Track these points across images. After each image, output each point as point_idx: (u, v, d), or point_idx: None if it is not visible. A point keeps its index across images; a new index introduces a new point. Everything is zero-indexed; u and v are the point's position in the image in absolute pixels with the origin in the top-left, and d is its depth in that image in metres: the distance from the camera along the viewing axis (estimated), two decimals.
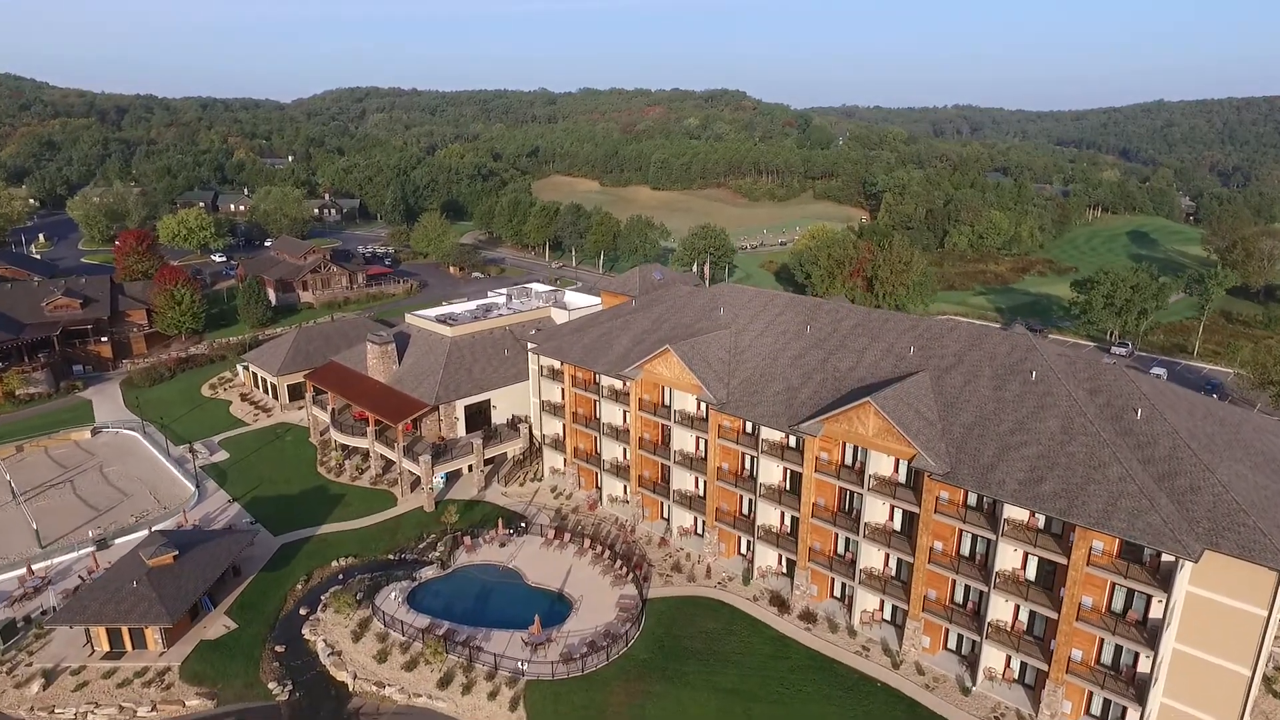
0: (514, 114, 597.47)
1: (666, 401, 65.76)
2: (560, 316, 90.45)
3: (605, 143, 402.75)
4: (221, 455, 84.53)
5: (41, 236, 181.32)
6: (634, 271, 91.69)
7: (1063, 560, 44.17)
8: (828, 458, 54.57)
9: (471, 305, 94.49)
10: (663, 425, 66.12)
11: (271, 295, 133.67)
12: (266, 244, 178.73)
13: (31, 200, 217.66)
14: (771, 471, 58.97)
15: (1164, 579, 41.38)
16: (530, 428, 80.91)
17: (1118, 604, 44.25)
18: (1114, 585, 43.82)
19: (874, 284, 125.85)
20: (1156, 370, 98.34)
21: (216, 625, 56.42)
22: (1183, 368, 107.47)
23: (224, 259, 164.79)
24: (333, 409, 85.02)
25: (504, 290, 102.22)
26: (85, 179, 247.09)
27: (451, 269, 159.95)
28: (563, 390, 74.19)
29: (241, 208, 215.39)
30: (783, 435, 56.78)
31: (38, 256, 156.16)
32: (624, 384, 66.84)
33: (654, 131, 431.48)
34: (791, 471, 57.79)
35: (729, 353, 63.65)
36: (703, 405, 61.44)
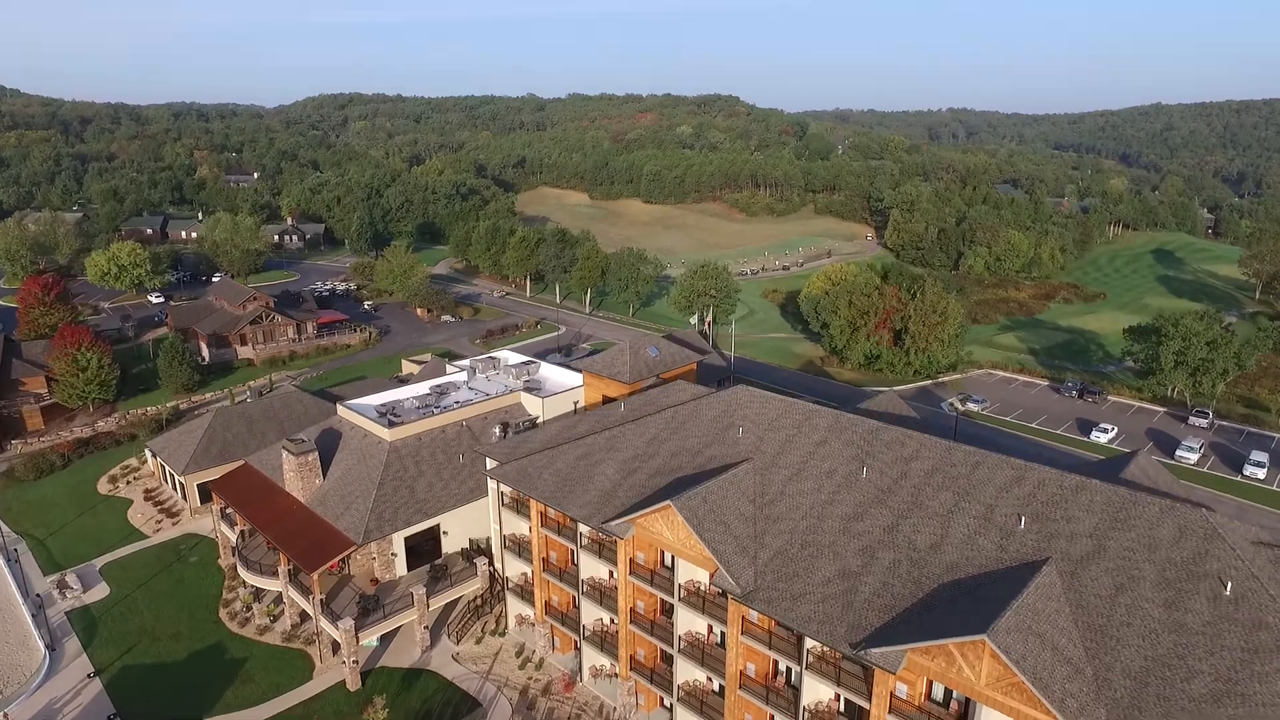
0: (501, 121, 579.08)
1: (668, 563, 48.17)
2: (532, 404, 72.80)
3: (595, 153, 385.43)
4: (100, 591, 66.39)
5: None
6: (624, 348, 74.04)
7: None
8: (907, 692, 36.98)
9: (424, 388, 76.57)
10: (662, 600, 48.47)
11: (204, 351, 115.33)
12: (215, 278, 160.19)
13: None
14: (819, 691, 41.32)
15: None
16: (491, 561, 63.13)
17: None
18: None
19: (902, 336, 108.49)
20: (1257, 456, 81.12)
21: None
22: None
23: (161, 300, 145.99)
24: (242, 531, 67.09)
25: (466, 362, 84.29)
26: (24, 201, 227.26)
27: (418, 311, 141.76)
28: (530, 528, 56.46)
29: (194, 234, 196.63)
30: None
31: None
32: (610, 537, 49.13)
33: (645, 141, 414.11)
34: (851, 701, 40.14)
35: (754, 505, 45.95)
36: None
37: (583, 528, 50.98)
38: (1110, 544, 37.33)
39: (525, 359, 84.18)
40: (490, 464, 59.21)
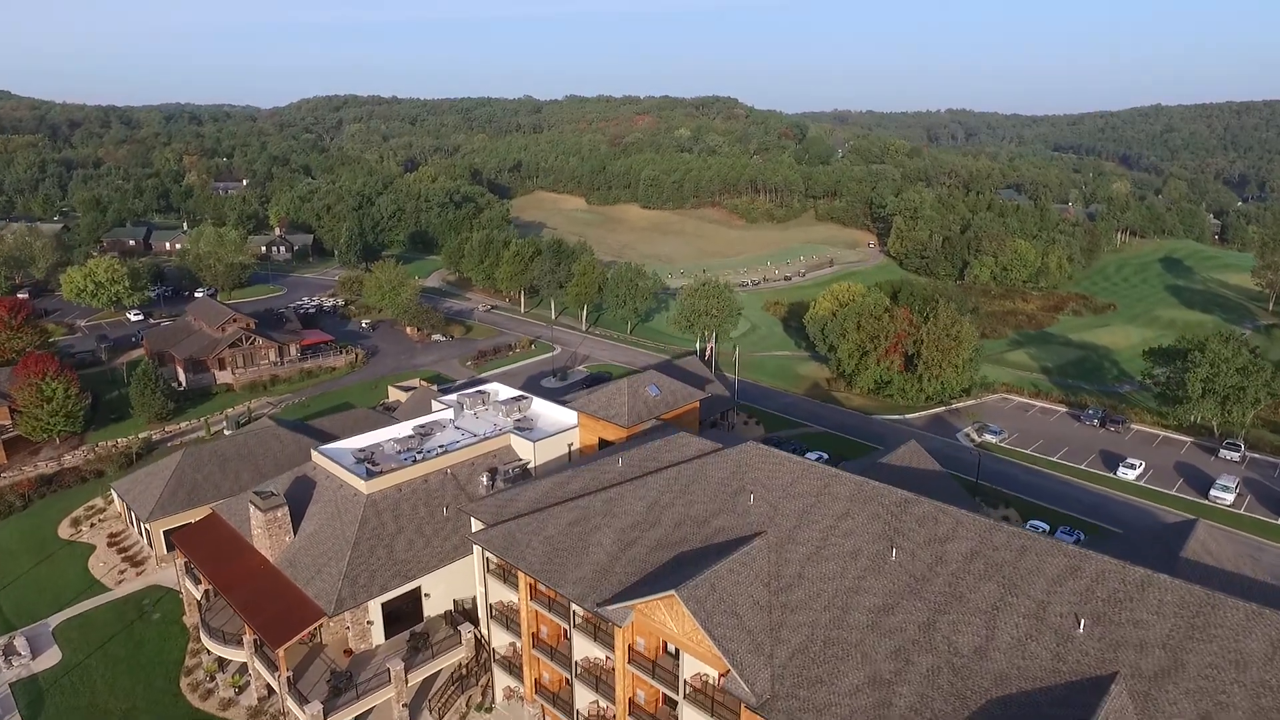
0: (497, 123, 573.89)
1: (671, 650, 42.88)
2: (523, 448, 67.52)
3: (592, 157, 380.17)
4: (51, 657, 60.96)
5: None
6: (622, 387, 68.81)
7: None
8: None
9: (406, 429, 71.17)
10: (664, 694, 43.16)
11: (181, 376, 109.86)
12: (198, 294, 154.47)
13: None
14: None
15: None
16: (477, 623, 57.82)
17: None
18: None
19: (914, 360, 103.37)
20: None
21: None
22: None
23: (140, 317, 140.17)
24: (206, 590, 61.78)
25: (453, 397, 78.92)
26: (4, 211, 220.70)
27: (408, 330, 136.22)
28: (519, 599, 51.15)
29: (178, 245, 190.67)
30: None
31: None
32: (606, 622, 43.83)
33: (643, 144, 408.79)
34: None
35: (769, 590, 40.68)
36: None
37: (576, 606, 45.71)
38: (1189, 658, 32.08)
39: (516, 394, 78.84)
40: (475, 525, 53.88)
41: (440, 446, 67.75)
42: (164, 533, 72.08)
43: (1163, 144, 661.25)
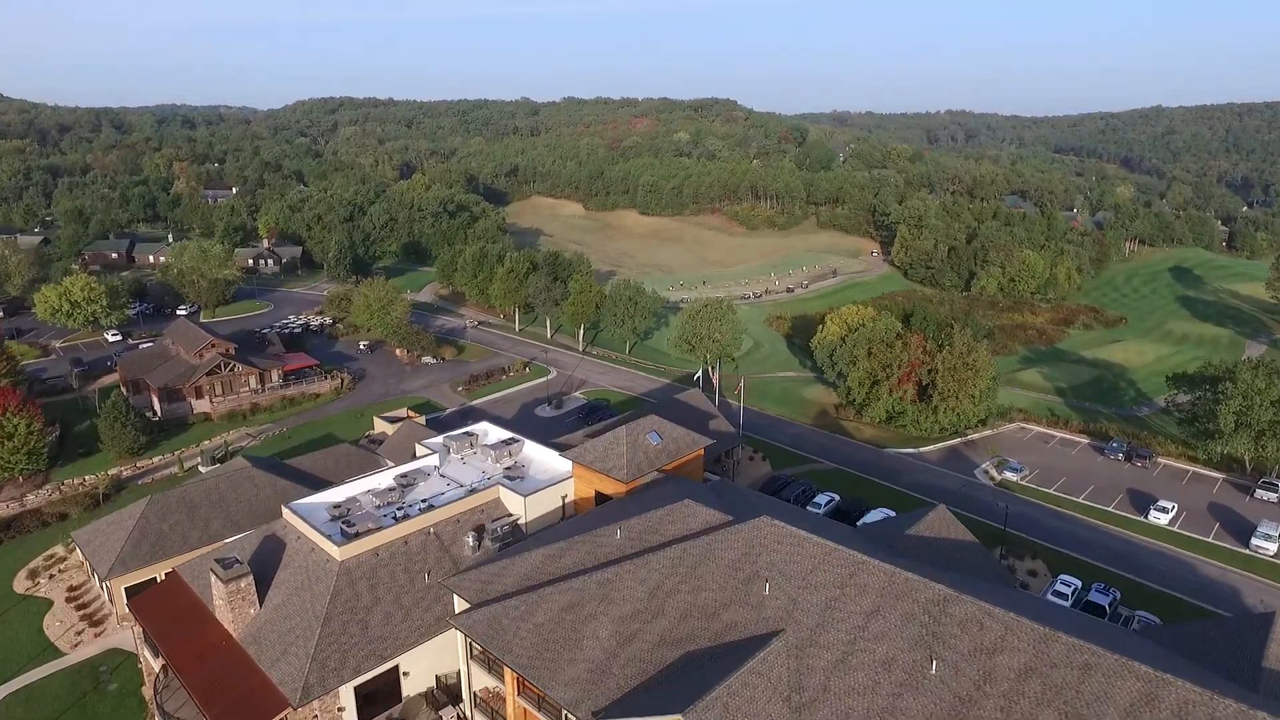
0: (494, 126, 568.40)
1: None
2: (513, 501, 62.18)
3: (590, 161, 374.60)
4: None
5: None
6: (620, 438, 63.38)
7: None
8: None
9: (387, 479, 65.79)
10: None
11: (156, 405, 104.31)
12: (179, 311, 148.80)
13: None
14: None
15: None
16: (459, 706, 52.50)
17: None
18: None
19: (928, 389, 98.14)
20: None
21: None
22: None
23: (119, 338, 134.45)
24: (164, 664, 56.31)
25: (439, 440, 73.53)
26: None
27: (397, 352, 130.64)
28: (506, 693, 45.80)
29: (163, 258, 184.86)
30: None
31: None
32: None
33: (642, 148, 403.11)
34: None
35: (788, 705, 35.33)
36: None
37: (569, 714, 40.33)
38: None
39: (506, 436, 73.45)
40: (458, 603, 48.57)
41: (423, 500, 62.47)
42: (126, 589, 66.77)
43: (1164, 146, 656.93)
